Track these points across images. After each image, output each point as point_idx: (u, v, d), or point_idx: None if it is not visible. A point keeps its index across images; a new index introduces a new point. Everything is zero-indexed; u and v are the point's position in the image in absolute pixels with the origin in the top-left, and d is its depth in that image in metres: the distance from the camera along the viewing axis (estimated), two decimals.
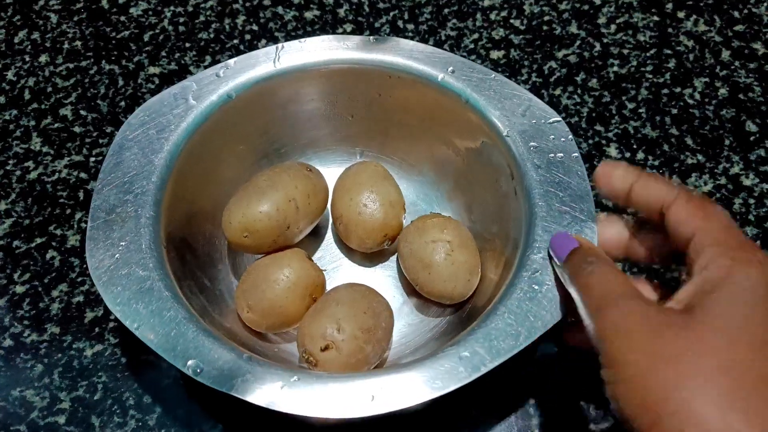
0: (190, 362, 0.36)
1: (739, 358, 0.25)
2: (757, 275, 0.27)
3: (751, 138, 0.56)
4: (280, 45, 0.48)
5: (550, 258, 0.37)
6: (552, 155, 0.42)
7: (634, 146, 0.55)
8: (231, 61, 0.47)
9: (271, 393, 0.35)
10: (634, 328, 0.27)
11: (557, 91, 0.58)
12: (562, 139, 0.43)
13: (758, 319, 0.26)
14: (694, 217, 0.31)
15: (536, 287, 0.37)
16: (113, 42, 0.62)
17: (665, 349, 0.26)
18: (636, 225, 0.37)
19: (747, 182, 0.53)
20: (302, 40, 0.48)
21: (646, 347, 0.26)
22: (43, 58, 0.61)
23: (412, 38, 0.62)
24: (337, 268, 0.49)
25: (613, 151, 0.55)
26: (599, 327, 0.29)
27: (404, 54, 0.47)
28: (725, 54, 0.61)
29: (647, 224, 0.36)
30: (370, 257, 0.49)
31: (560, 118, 0.44)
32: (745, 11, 0.64)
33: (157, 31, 0.62)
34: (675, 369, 0.25)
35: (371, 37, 0.48)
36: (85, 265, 0.49)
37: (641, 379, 0.26)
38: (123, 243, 0.40)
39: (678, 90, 0.58)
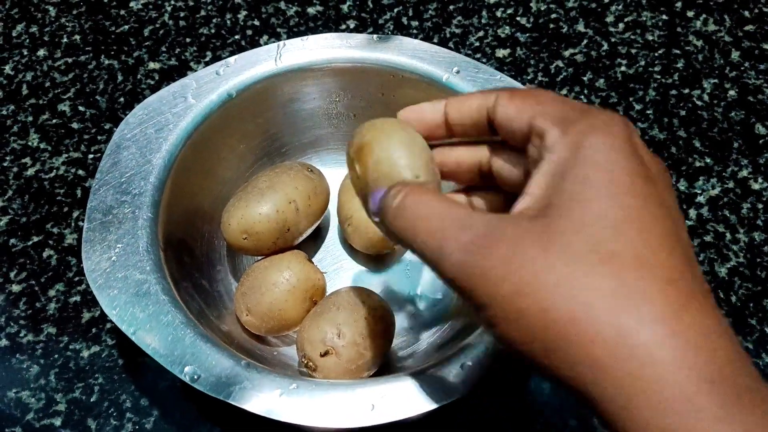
0: (187, 368, 0.35)
1: (615, 245, 0.22)
2: (606, 142, 0.23)
3: (761, 141, 0.55)
4: (281, 43, 0.47)
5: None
6: None
7: None
8: (231, 59, 0.46)
9: (270, 401, 0.34)
10: (486, 263, 0.23)
11: (564, 91, 0.57)
12: None
13: (626, 193, 0.23)
14: (524, 106, 0.26)
15: None
16: (113, 36, 0.61)
17: (532, 267, 0.22)
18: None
19: (756, 186, 0.52)
20: (304, 37, 0.47)
21: (511, 275, 0.22)
22: (41, 52, 0.60)
23: (416, 35, 0.61)
24: (338, 270, 0.48)
25: None
26: (447, 270, 0.24)
27: (408, 53, 0.46)
28: (735, 54, 0.60)
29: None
30: (373, 260, 0.48)
31: None
32: (756, 11, 0.62)
33: (157, 25, 0.62)
34: (548, 285, 0.22)
35: (375, 36, 0.47)
36: (82, 265, 0.48)
37: (519, 312, 0.22)
38: (120, 245, 0.39)
39: (686, 91, 0.57)
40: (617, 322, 0.21)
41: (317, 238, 0.49)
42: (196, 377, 0.35)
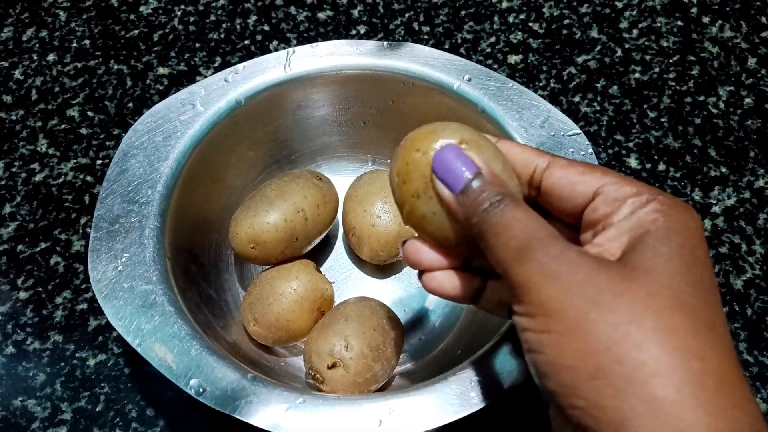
0: (192, 381, 0.34)
1: (683, 301, 0.23)
2: (688, 221, 0.26)
3: None
4: (291, 50, 0.46)
5: (435, 186, 0.29)
6: None
7: (655, 157, 0.53)
8: (240, 66, 0.46)
9: (276, 415, 0.33)
10: (567, 272, 0.24)
11: (576, 98, 0.57)
12: (582, 153, 0.41)
13: (699, 264, 0.24)
14: (590, 176, 0.28)
15: None
16: (122, 41, 0.61)
17: (604, 293, 0.23)
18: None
19: None
20: (314, 44, 0.46)
21: (584, 292, 0.23)
22: (50, 57, 0.60)
23: (427, 41, 0.60)
24: (346, 279, 0.48)
25: (633, 161, 0.53)
26: (524, 271, 0.25)
27: (419, 60, 0.46)
28: (751, 61, 0.59)
29: None
30: (382, 269, 0.48)
31: (580, 131, 0.42)
32: None
33: (166, 30, 0.61)
34: (617, 314, 0.23)
35: (385, 43, 0.46)
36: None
37: (580, 326, 0.23)
38: (126, 255, 0.38)
39: (702, 98, 0.56)
40: (684, 370, 0.22)
41: (326, 246, 0.49)
42: (201, 390, 0.34)
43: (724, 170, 0.53)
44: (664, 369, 0.21)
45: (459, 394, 0.34)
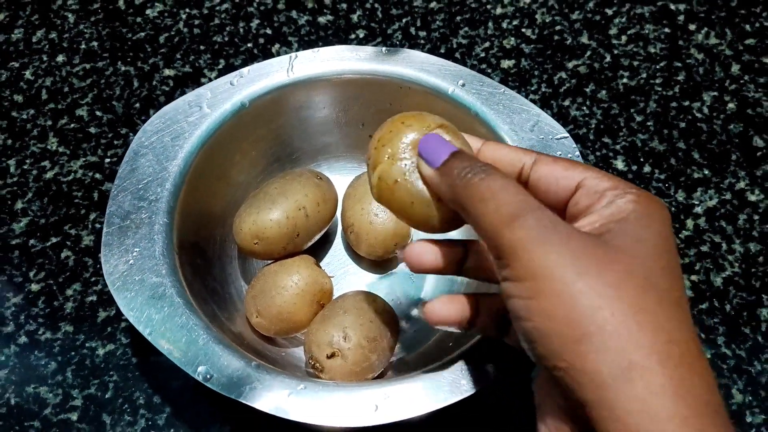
0: (200, 368, 0.37)
1: (654, 282, 0.26)
2: (661, 211, 0.28)
3: (758, 153, 0.56)
4: (293, 54, 0.48)
5: (419, 164, 0.32)
6: None
7: (641, 159, 0.56)
8: (245, 70, 0.48)
9: (279, 400, 0.36)
10: (558, 241, 0.26)
11: (566, 102, 0.59)
12: (569, 155, 0.44)
13: (670, 251, 0.27)
14: (572, 170, 0.31)
15: None
16: (129, 43, 0.63)
17: (592, 266, 0.25)
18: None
19: (752, 198, 0.54)
20: (316, 49, 0.49)
21: (574, 261, 0.25)
22: (60, 58, 0.62)
23: (423, 45, 0.62)
24: (344, 274, 0.50)
25: (620, 163, 0.55)
26: (515, 237, 0.26)
27: (416, 66, 0.48)
28: (735, 68, 0.61)
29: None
30: (378, 264, 0.50)
31: (567, 135, 0.45)
32: (757, 24, 0.64)
33: (172, 33, 0.63)
34: (602, 286, 0.25)
35: (384, 48, 0.49)
36: (98, 265, 0.50)
37: (567, 293, 0.24)
38: (137, 249, 0.41)
39: (687, 103, 0.59)
40: (627, 354, 0.24)
41: (325, 242, 0.51)
42: (208, 377, 0.36)
43: (706, 172, 0.55)
44: (637, 339, 0.24)
45: (450, 381, 0.36)
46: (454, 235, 0.35)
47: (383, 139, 0.34)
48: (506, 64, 0.61)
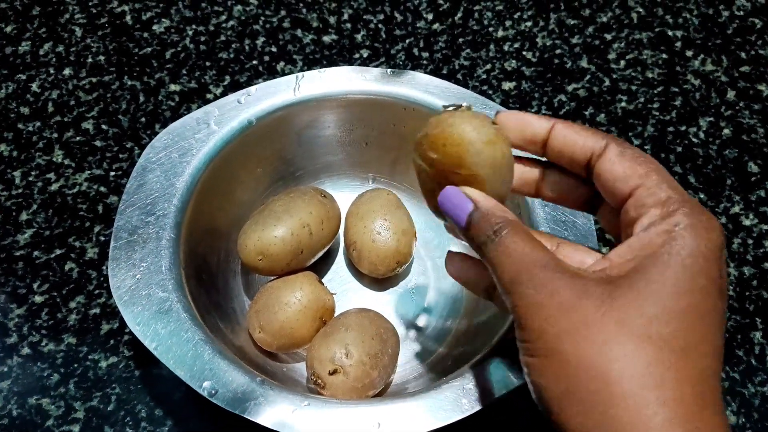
0: (205, 384, 0.37)
1: (667, 330, 0.24)
2: (699, 243, 0.25)
3: (753, 179, 0.57)
4: (300, 74, 0.49)
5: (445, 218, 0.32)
6: None
7: None
8: (252, 88, 0.49)
9: (283, 416, 0.36)
10: (548, 303, 0.26)
11: None
12: None
13: (695, 291, 0.25)
14: (631, 173, 0.28)
15: None
16: (136, 58, 0.63)
17: (578, 324, 0.25)
18: (544, 165, 0.34)
19: (747, 222, 0.55)
20: (322, 69, 0.50)
21: (559, 322, 0.25)
22: (67, 71, 0.62)
23: (426, 66, 0.63)
24: (346, 291, 0.51)
25: None
26: (514, 302, 0.27)
27: (420, 88, 0.49)
28: (731, 94, 0.62)
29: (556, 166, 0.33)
30: (380, 282, 0.51)
31: None
32: (752, 52, 0.65)
33: (178, 48, 0.64)
34: (592, 341, 0.24)
35: (389, 70, 0.50)
36: (102, 278, 0.51)
37: (556, 353, 0.25)
38: (144, 264, 0.41)
39: (683, 128, 0.60)
40: (644, 398, 0.24)
41: (328, 259, 0.52)
42: (214, 392, 0.37)
43: (702, 196, 0.56)
44: (621, 395, 0.24)
45: (452, 400, 0.37)
46: None
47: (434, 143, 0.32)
48: (507, 86, 0.62)
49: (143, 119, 0.59)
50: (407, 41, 0.65)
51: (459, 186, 0.31)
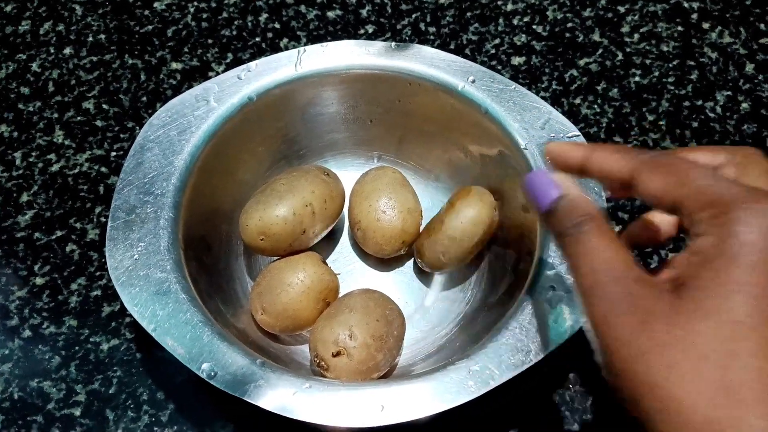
0: (204, 365, 0.36)
1: (732, 345, 0.23)
2: (756, 240, 0.24)
3: None
4: (302, 49, 0.48)
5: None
6: None
7: None
8: (252, 64, 0.47)
9: (283, 399, 0.35)
10: (619, 322, 0.25)
11: (577, 100, 0.58)
12: None
13: (762, 292, 0.24)
14: (667, 186, 0.27)
15: (548, 304, 0.38)
16: (137, 36, 0.62)
17: (652, 341, 0.24)
18: None
19: None
20: (324, 44, 0.48)
21: (633, 339, 0.25)
22: (67, 51, 0.61)
23: (433, 41, 0.62)
24: (351, 271, 0.50)
25: None
26: (589, 312, 0.27)
27: (425, 62, 0.47)
28: (749, 67, 0.60)
29: None
30: (385, 262, 0.49)
31: (579, 133, 0.44)
32: None
33: (180, 26, 0.63)
34: (661, 361, 0.24)
35: (393, 44, 0.48)
36: (103, 260, 0.50)
37: (629, 372, 0.25)
38: (142, 244, 0.40)
39: (699, 103, 0.58)
40: (715, 418, 0.23)
41: (331, 240, 0.51)
42: (213, 374, 0.36)
43: None
44: (686, 416, 0.23)
45: (458, 382, 0.36)
46: None
47: None
48: (517, 61, 0.61)
49: (144, 98, 0.58)
50: (413, 16, 0.63)
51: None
